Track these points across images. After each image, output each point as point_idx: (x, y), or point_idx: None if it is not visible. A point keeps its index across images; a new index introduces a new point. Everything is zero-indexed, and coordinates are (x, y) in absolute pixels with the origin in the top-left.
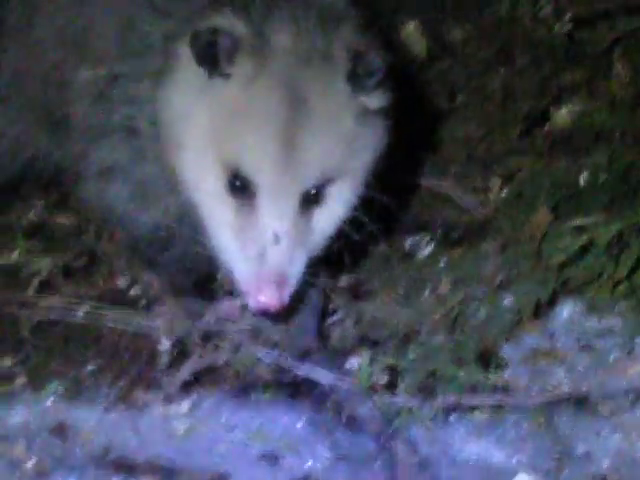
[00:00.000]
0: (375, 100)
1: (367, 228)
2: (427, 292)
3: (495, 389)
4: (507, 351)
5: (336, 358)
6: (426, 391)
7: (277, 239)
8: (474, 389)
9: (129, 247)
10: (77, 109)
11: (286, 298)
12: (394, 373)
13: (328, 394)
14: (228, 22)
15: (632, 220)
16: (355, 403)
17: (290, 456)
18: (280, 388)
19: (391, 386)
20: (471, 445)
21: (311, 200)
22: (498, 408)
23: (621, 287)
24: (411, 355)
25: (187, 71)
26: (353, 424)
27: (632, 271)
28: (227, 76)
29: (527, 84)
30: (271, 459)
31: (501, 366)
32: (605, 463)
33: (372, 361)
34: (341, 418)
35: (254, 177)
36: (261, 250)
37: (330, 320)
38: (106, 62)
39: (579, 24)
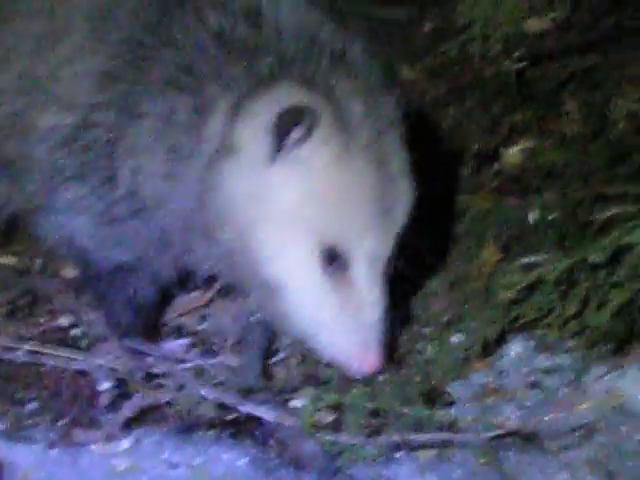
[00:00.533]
0: None
1: None
2: None
3: (442, 427)
4: (455, 389)
5: (280, 396)
6: (371, 429)
7: (373, 305)
8: (420, 427)
9: (83, 284)
10: (41, 154)
11: (384, 357)
12: (339, 411)
13: (272, 432)
14: (300, 96)
15: (580, 257)
16: (298, 441)
17: None
18: (224, 426)
19: (336, 424)
20: None
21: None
22: (444, 446)
23: (570, 324)
24: (355, 393)
25: (254, 148)
26: (296, 462)
27: (581, 308)
28: (311, 151)
29: (477, 123)
30: None
31: (448, 403)
32: None
33: (316, 399)
34: (285, 456)
35: (352, 250)
36: (359, 319)
37: (275, 359)
38: (77, 110)
39: (529, 63)
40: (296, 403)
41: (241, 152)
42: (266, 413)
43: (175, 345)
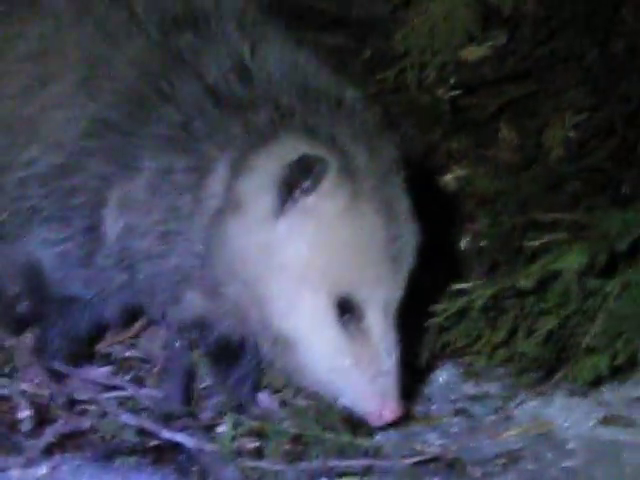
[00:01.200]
0: None
1: None
2: None
3: (365, 453)
4: None
5: (204, 423)
6: (293, 455)
7: (389, 352)
8: (343, 453)
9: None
10: (13, 184)
11: (404, 406)
12: (261, 437)
13: (193, 459)
14: (311, 146)
15: (509, 284)
16: (219, 467)
17: None
18: (145, 453)
19: (258, 450)
20: None
21: None
22: (367, 472)
23: (500, 352)
24: (277, 418)
25: (261, 203)
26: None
27: (510, 336)
28: (319, 201)
29: (413, 151)
30: None
31: (372, 430)
32: None
33: (237, 425)
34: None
35: (366, 302)
36: (376, 367)
37: (200, 385)
38: (63, 151)
39: (465, 90)
40: (221, 429)
41: (248, 207)
42: (186, 439)
43: (100, 372)
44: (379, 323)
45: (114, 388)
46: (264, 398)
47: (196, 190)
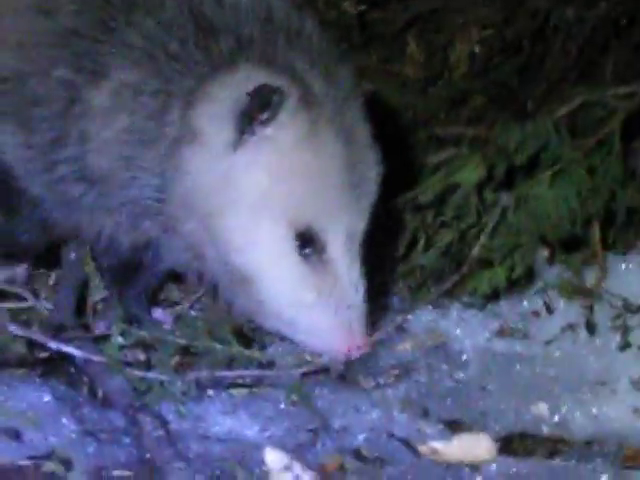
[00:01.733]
0: None
1: None
2: None
3: (257, 364)
4: None
5: (95, 334)
6: (182, 366)
7: (355, 284)
8: (232, 365)
9: None
10: None
11: (370, 339)
12: (149, 348)
13: (83, 370)
14: (268, 76)
15: (408, 198)
16: (107, 378)
17: (33, 431)
18: (35, 365)
19: (148, 362)
20: (226, 420)
21: None
22: (257, 383)
23: (399, 266)
24: (166, 329)
25: (218, 133)
26: (104, 399)
27: (409, 250)
28: (277, 131)
29: None
30: (12, 434)
31: (265, 342)
32: (361, 437)
33: (125, 335)
34: (95, 394)
35: (327, 231)
36: (344, 303)
37: (94, 298)
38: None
39: (372, 5)
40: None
41: (204, 138)
42: (75, 350)
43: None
44: (343, 255)
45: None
46: (158, 311)
47: (159, 116)
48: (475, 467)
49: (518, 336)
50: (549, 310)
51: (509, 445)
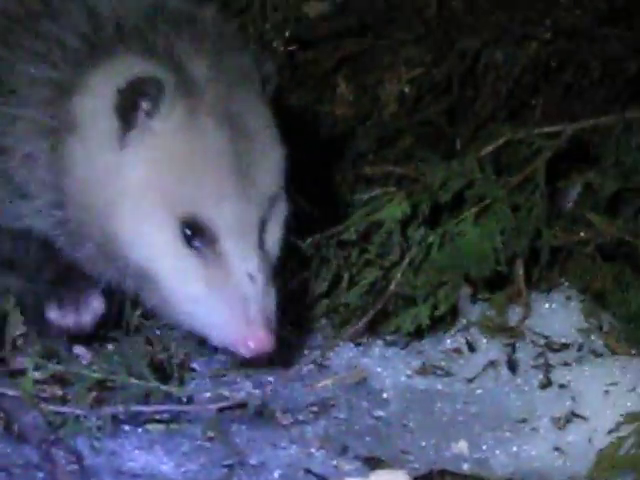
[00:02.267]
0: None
1: None
2: None
3: (174, 400)
4: (200, 364)
5: (11, 369)
6: (97, 402)
7: (252, 278)
8: (149, 400)
9: None
10: None
11: (275, 336)
12: (66, 383)
13: None
14: (139, 66)
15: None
16: (21, 412)
17: None
18: None
19: (63, 396)
20: (141, 456)
21: (262, 227)
22: (174, 419)
23: (323, 303)
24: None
25: (92, 129)
26: (18, 434)
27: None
28: (157, 124)
29: None
30: None
31: (184, 378)
32: (277, 473)
33: (41, 369)
34: (10, 429)
35: (214, 221)
36: (239, 295)
37: (12, 333)
38: None
39: (303, 46)
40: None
41: (85, 131)
42: None
43: None
44: (235, 246)
45: None
46: (77, 347)
47: (45, 106)
48: None
49: (440, 374)
50: (471, 348)
51: None
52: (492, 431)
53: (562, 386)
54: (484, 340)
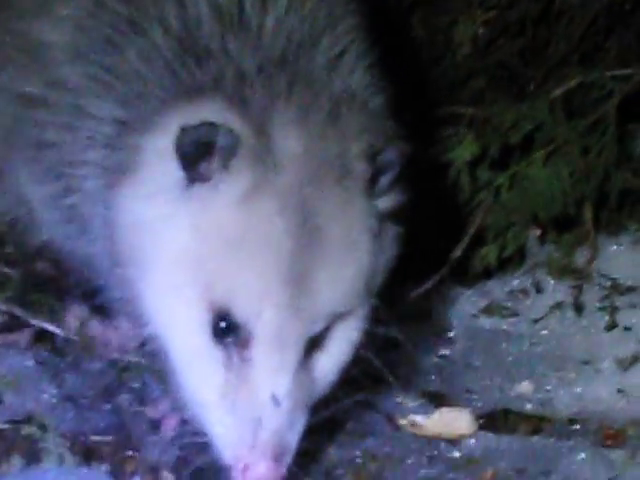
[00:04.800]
0: (387, 200)
1: None
2: None
3: None
4: None
5: None
6: None
7: (276, 401)
8: None
9: None
10: None
11: (284, 470)
12: None
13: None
14: (222, 114)
15: None
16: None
17: (13, 395)
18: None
19: None
20: None
21: (314, 345)
22: None
23: None
24: None
25: (156, 171)
26: (81, 365)
27: None
28: (218, 185)
29: None
30: None
31: None
32: None
33: None
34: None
35: (249, 323)
36: (255, 413)
37: None
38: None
39: None
40: None
41: (143, 172)
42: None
43: None
44: (266, 358)
45: None
46: None
47: (112, 143)
48: (454, 441)
49: (506, 314)
50: (538, 289)
51: (492, 422)
52: (556, 372)
53: (627, 328)
54: (551, 281)
